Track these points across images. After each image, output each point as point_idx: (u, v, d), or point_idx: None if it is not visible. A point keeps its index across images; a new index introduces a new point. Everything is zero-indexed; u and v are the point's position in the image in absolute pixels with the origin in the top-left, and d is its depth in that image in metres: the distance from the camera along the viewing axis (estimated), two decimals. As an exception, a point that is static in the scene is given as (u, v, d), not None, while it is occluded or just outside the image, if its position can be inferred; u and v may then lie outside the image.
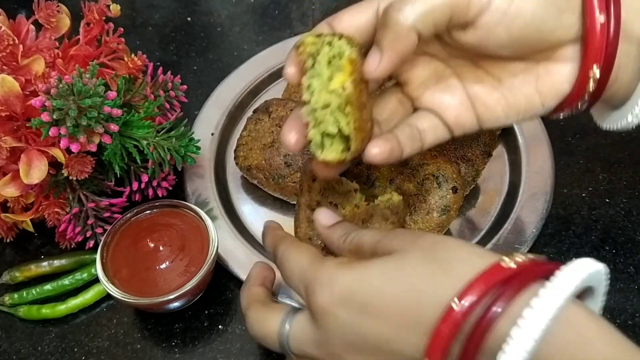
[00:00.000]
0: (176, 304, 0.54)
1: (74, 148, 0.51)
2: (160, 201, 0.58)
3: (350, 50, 0.40)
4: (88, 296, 0.57)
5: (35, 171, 0.52)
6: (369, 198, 0.52)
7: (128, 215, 0.57)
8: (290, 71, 0.42)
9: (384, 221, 0.57)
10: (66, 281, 0.58)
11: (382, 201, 0.51)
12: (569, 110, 0.45)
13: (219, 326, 0.56)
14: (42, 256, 0.61)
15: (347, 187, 0.52)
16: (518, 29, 0.40)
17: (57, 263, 0.59)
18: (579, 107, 0.45)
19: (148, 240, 0.55)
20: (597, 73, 0.41)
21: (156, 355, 0.54)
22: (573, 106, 0.45)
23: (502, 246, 0.58)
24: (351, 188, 0.52)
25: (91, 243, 0.59)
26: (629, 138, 0.67)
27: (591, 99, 0.44)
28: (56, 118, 0.50)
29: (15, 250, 0.62)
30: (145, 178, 0.59)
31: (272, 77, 0.76)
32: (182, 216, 0.57)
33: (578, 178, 0.65)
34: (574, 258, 0.59)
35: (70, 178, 0.54)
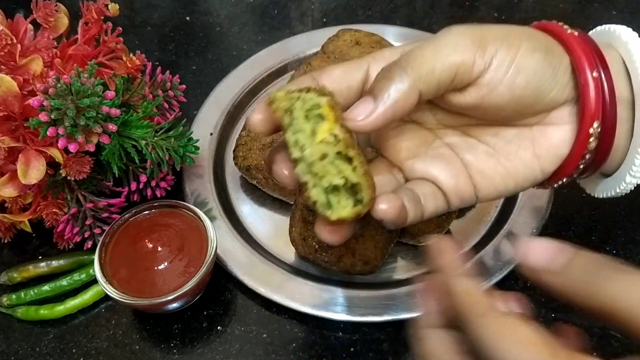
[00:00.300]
0: (175, 305, 0.53)
1: (72, 148, 0.51)
2: (159, 201, 0.58)
3: (325, 98, 0.37)
4: (86, 297, 0.57)
5: (33, 171, 0.52)
6: None
7: (126, 215, 0.57)
8: (257, 117, 0.39)
9: (381, 227, 0.57)
10: (64, 282, 0.57)
11: None
12: (570, 174, 0.43)
13: (218, 327, 0.56)
14: (40, 257, 0.61)
15: None
16: (520, 88, 0.39)
17: (56, 264, 0.59)
18: (580, 170, 0.43)
19: (147, 240, 0.54)
20: (598, 130, 0.40)
21: (155, 356, 0.54)
22: (574, 169, 0.43)
23: (502, 246, 0.58)
24: None
25: (89, 243, 0.59)
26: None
27: (594, 164, 0.43)
28: (54, 118, 0.49)
29: (13, 250, 0.62)
30: (143, 178, 0.59)
31: (271, 77, 0.76)
32: (181, 216, 0.57)
33: (578, 178, 0.65)
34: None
35: (68, 178, 0.54)
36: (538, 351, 0.28)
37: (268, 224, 0.63)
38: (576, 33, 0.41)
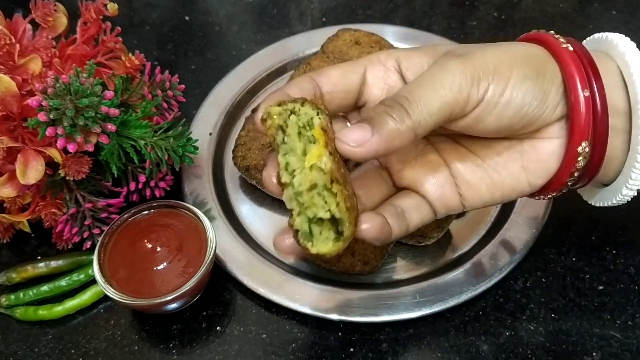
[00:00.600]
0: (174, 305, 0.53)
1: (71, 148, 0.51)
2: (158, 201, 0.58)
3: (318, 117, 0.37)
4: (85, 297, 0.57)
5: (32, 171, 0.51)
6: None
7: (125, 215, 0.56)
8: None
9: None
10: (63, 282, 0.57)
11: None
12: (559, 189, 0.44)
13: (217, 327, 0.56)
14: (39, 257, 0.60)
15: None
16: (507, 118, 0.40)
17: (54, 264, 0.59)
18: (570, 186, 0.44)
19: (146, 241, 0.54)
20: (587, 149, 0.40)
21: (154, 356, 0.54)
22: (562, 185, 0.43)
23: (502, 247, 0.58)
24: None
25: (88, 244, 0.59)
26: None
27: (585, 177, 0.43)
28: (53, 118, 0.49)
29: (12, 251, 0.62)
30: (143, 178, 0.59)
31: (271, 77, 0.76)
32: (180, 217, 0.57)
33: (578, 178, 0.65)
34: (574, 259, 0.59)
35: (67, 178, 0.54)
36: None
37: (267, 224, 0.63)
38: (570, 47, 0.40)
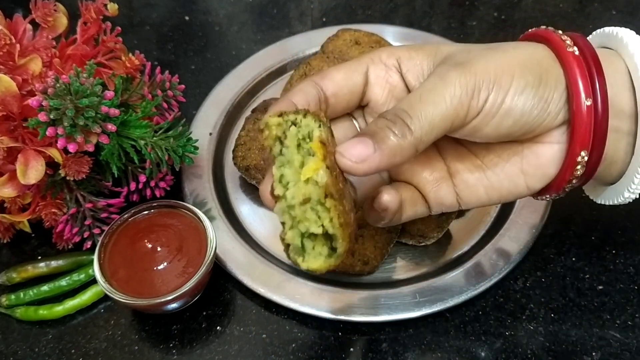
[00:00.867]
0: (174, 305, 0.53)
1: (72, 148, 0.51)
2: (158, 201, 0.58)
3: (319, 129, 0.36)
4: (85, 297, 0.57)
5: (32, 171, 0.51)
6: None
7: (126, 215, 0.56)
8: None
9: (380, 227, 0.57)
10: (63, 282, 0.57)
11: None
12: (556, 193, 0.44)
13: (217, 327, 0.56)
14: (39, 257, 0.61)
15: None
16: (506, 127, 0.40)
17: (55, 264, 0.59)
18: (567, 191, 0.44)
19: (146, 240, 0.54)
20: (586, 158, 0.40)
21: (154, 356, 0.54)
22: (561, 189, 0.43)
23: (502, 246, 0.58)
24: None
25: (88, 244, 0.59)
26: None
27: (581, 182, 0.43)
28: (53, 118, 0.49)
29: (12, 250, 0.62)
30: (143, 178, 0.59)
31: (271, 77, 0.76)
32: (180, 217, 0.57)
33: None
34: (574, 259, 0.59)
35: (67, 178, 0.54)
36: None
37: (267, 224, 0.63)
38: (576, 51, 0.40)
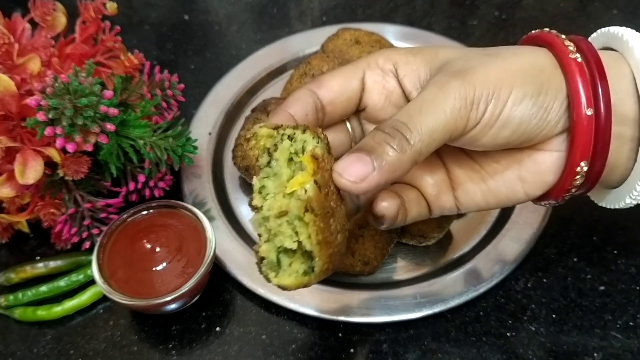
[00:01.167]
0: (173, 306, 0.53)
1: (70, 148, 0.51)
2: (157, 201, 0.58)
3: (315, 144, 0.34)
4: (84, 298, 0.56)
5: (30, 171, 0.51)
6: None
7: (124, 215, 0.56)
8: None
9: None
10: (62, 282, 0.57)
11: None
12: (555, 200, 0.43)
13: (217, 328, 0.56)
14: (38, 257, 0.60)
15: None
16: (504, 138, 0.39)
17: (53, 264, 0.58)
18: (567, 199, 0.43)
19: (145, 241, 0.54)
20: (585, 168, 0.40)
21: (153, 357, 0.54)
22: (560, 198, 0.43)
23: (503, 247, 0.58)
24: None
25: (87, 244, 0.58)
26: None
27: (582, 191, 0.43)
28: (52, 117, 0.49)
29: (10, 251, 0.62)
30: (142, 178, 0.59)
31: (270, 76, 0.76)
32: (180, 217, 0.56)
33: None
34: (575, 259, 0.59)
35: (66, 178, 0.53)
36: None
37: (267, 224, 0.63)
38: (579, 58, 0.39)
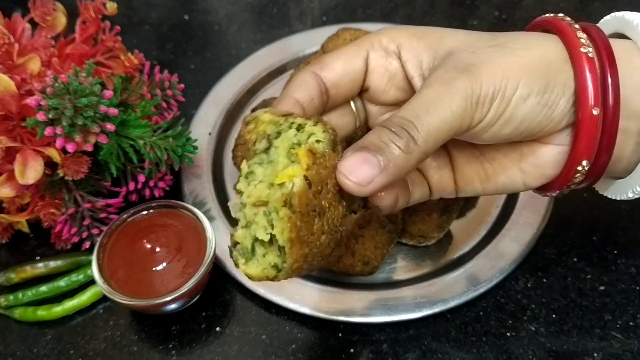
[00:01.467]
0: (173, 306, 0.53)
1: (70, 148, 0.51)
2: (157, 201, 0.58)
3: (320, 138, 0.33)
4: (84, 298, 0.56)
5: (30, 171, 0.51)
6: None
7: (124, 215, 0.56)
8: None
9: (381, 228, 0.56)
10: (62, 282, 0.57)
11: None
12: (554, 192, 0.43)
13: (217, 328, 0.56)
14: (38, 257, 0.60)
15: None
16: (505, 134, 0.38)
17: (53, 264, 0.58)
18: (567, 192, 0.43)
19: (145, 241, 0.54)
20: (587, 167, 0.39)
21: (153, 357, 0.54)
22: (559, 191, 0.42)
23: (503, 247, 0.58)
24: None
25: (87, 244, 0.58)
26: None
27: (583, 186, 0.42)
28: (52, 117, 0.49)
29: (10, 251, 0.62)
30: (142, 178, 0.59)
31: (270, 76, 0.76)
32: (180, 217, 0.56)
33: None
34: (575, 259, 0.59)
35: (66, 178, 0.53)
36: None
37: (267, 224, 0.63)
38: (590, 52, 0.38)
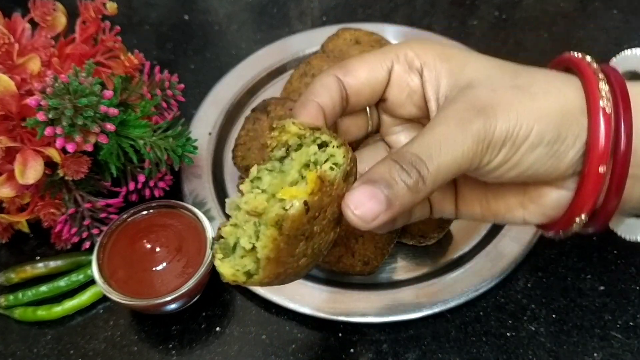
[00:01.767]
0: (173, 306, 0.53)
1: (70, 148, 0.51)
2: (157, 201, 0.58)
3: (339, 163, 0.33)
4: (84, 298, 0.56)
5: (30, 171, 0.51)
6: None
7: (124, 215, 0.56)
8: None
9: None
10: (62, 282, 0.57)
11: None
12: (555, 234, 0.42)
13: (217, 328, 0.56)
14: (38, 257, 0.60)
15: None
16: (509, 178, 0.38)
17: (53, 264, 0.58)
18: (570, 234, 0.41)
19: (145, 241, 0.54)
20: (585, 219, 0.38)
21: (153, 357, 0.54)
22: (558, 234, 0.41)
23: (503, 247, 0.58)
24: None
25: (87, 244, 0.58)
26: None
27: (587, 231, 0.41)
28: (52, 117, 0.49)
29: (10, 251, 0.62)
30: (142, 178, 0.59)
31: (271, 76, 0.76)
32: (180, 217, 0.56)
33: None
34: (575, 259, 0.59)
35: (66, 178, 0.53)
36: None
37: (267, 224, 0.63)
38: (608, 108, 0.36)
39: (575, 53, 0.40)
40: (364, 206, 0.33)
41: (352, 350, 0.54)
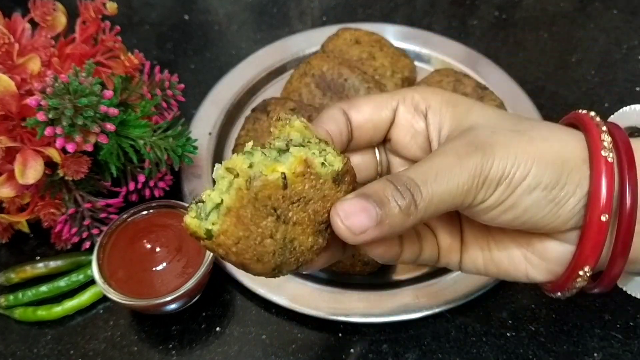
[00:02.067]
0: (173, 306, 0.53)
1: (70, 148, 0.51)
2: (157, 201, 0.58)
3: (330, 163, 0.33)
4: (84, 298, 0.56)
5: (30, 171, 0.51)
6: None
7: (124, 216, 0.56)
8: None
9: None
10: (62, 282, 0.57)
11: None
12: (559, 294, 0.41)
13: (217, 328, 0.56)
14: (38, 257, 0.60)
15: None
16: (505, 221, 0.37)
17: (53, 264, 0.58)
18: (574, 293, 0.40)
19: (145, 241, 0.54)
20: (589, 273, 0.38)
21: (153, 357, 0.54)
22: (561, 292, 0.40)
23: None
24: None
25: (87, 244, 0.58)
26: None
27: (594, 290, 0.40)
28: (52, 117, 0.49)
29: (10, 251, 0.62)
30: (142, 178, 0.59)
31: (271, 76, 0.76)
32: (180, 217, 0.56)
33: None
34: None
35: (66, 178, 0.53)
36: None
37: (267, 224, 0.63)
38: (611, 158, 0.36)
39: (581, 110, 0.40)
40: (354, 217, 0.33)
41: (352, 350, 0.54)
